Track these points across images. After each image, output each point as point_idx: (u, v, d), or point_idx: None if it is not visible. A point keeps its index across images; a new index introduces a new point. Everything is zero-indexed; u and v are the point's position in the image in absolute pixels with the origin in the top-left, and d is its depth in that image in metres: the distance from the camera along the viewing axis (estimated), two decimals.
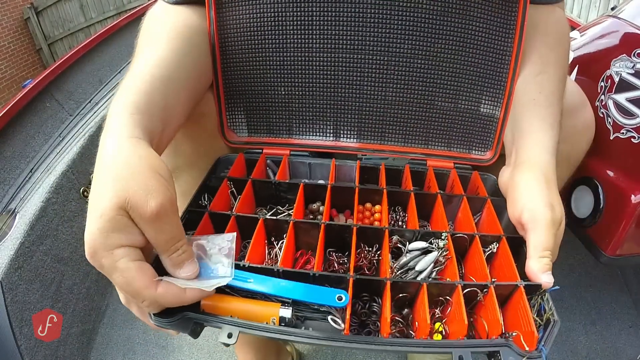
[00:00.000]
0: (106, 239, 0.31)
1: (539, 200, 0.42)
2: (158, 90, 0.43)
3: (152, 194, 0.32)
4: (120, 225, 0.32)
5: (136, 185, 0.32)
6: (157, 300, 0.33)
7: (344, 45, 0.52)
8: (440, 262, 0.44)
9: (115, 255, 0.32)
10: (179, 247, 0.35)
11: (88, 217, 0.32)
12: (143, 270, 0.33)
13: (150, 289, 0.32)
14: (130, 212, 0.32)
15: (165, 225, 0.33)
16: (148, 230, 0.33)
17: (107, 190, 0.32)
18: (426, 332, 0.36)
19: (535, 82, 0.51)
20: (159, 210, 0.32)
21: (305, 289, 0.38)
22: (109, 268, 0.32)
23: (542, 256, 0.39)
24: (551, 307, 0.37)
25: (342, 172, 0.58)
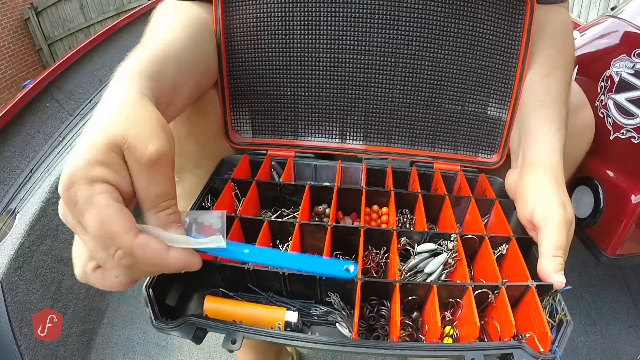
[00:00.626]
0: (90, 169, 0.27)
1: (551, 199, 0.42)
2: (170, 67, 0.41)
3: (153, 139, 0.30)
4: (110, 161, 0.28)
5: (138, 128, 0.30)
6: (134, 253, 0.28)
7: (351, 46, 0.52)
8: (450, 264, 0.43)
9: (96, 189, 0.27)
10: (169, 206, 0.31)
11: (73, 150, 0.29)
12: (123, 212, 0.28)
13: (128, 235, 0.28)
14: (126, 152, 0.29)
15: (161, 176, 0.30)
16: (142, 176, 0.29)
17: (104, 125, 0.29)
18: (437, 336, 0.35)
19: (542, 83, 0.51)
20: (158, 156, 0.29)
21: (307, 260, 0.34)
22: (83, 203, 0.27)
23: (555, 255, 0.38)
24: (563, 308, 0.36)
25: (348, 175, 0.57)
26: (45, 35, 5.21)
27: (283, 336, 0.34)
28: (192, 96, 0.50)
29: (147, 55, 0.40)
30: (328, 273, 0.33)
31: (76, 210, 0.28)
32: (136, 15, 1.76)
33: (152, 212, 0.31)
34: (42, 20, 5.15)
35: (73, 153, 0.29)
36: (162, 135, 0.30)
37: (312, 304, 0.40)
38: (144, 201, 0.30)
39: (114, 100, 0.32)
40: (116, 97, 0.32)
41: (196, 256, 0.32)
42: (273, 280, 0.39)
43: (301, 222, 0.45)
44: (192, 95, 0.49)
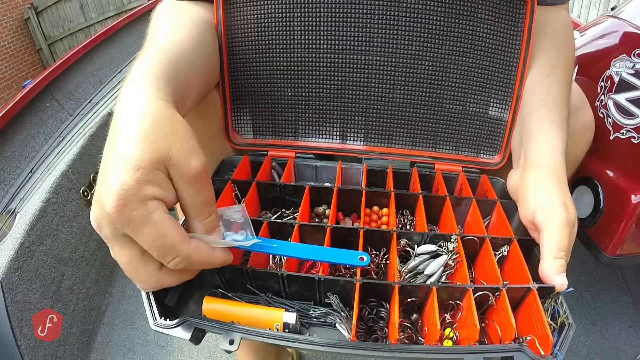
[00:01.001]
0: (142, 189, 0.29)
1: (553, 199, 0.42)
2: (180, 67, 0.42)
3: (194, 154, 0.32)
4: (158, 180, 0.30)
5: (179, 143, 0.31)
6: (190, 256, 0.32)
7: (351, 46, 0.52)
8: (450, 266, 0.43)
9: (150, 207, 0.29)
10: (212, 212, 0.34)
11: (115, 169, 0.29)
12: (176, 224, 0.31)
13: (185, 243, 0.31)
14: (172, 169, 0.31)
15: (204, 186, 0.32)
16: (187, 190, 0.32)
17: (146, 142, 0.30)
18: (436, 338, 0.35)
19: (543, 83, 0.51)
20: (202, 169, 0.32)
21: (327, 251, 0.38)
22: (140, 221, 0.29)
23: (557, 257, 0.38)
24: (565, 310, 0.36)
25: (349, 175, 0.57)
26: (45, 35, 5.21)
27: (281, 337, 0.33)
28: (199, 96, 0.50)
29: (159, 57, 0.40)
30: (344, 262, 0.37)
31: (130, 228, 0.29)
32: (136, 15, 1.76)
33: (199, 221, 0.34)
34: (42, 20, 5.15)
35: (116, 171, 0.29)
36: (199, 147, 0.33)
37: (311, 305, 0.40)
38: (190, 211, 0.33)
39: (144, 111, 0.32)
40: (144, 107, 0.33)
41: (231, 253, 0.36)
42: (272, 281, 0.39)
43: (300, 223, 0.45)
44: (199, 95, 0.50)
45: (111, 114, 1.39)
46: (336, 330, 0.38)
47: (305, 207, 0.49)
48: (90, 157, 1.12)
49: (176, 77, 0.40)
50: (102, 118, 1.22)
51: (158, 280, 0.34)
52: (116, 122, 0.33)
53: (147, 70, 0.37)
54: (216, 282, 0.41)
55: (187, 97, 0.44)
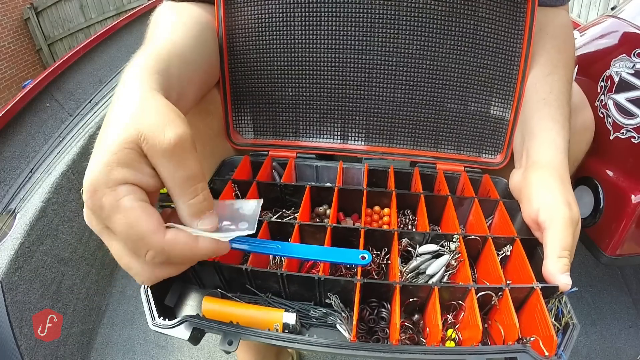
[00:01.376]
0: (110, 173, 0.27)
1: (556, 198, 0.41)
2: (175, 65, 0.41)
3: (169, 125, 0.29)
4: (129, 160, 0.28)
5: (152, 118, 0.29)
6: (165, 250, 0.29)
7: (352, 46, 0.52)
8: (452, 266, 0.43)
9: (119, 192, 0.27)
10: (199, 191, 0.30)
11: (92, 155, 0.29)
12: (149, 212, 0.28)
13: (157, 234, 0.28)
14: (145, 145, 0.28)
15: (185, 159, 0.29)
16: (165, 165, 0.29)
17: (117, 125, 0.29)
18: (438, 339, 0.34)
19: (545, 82, 0.51)
20: (177, 140, 0.28)
21: (327, 251, 0.37)
22: (109, 208, 0.27)
23: (561, 256, 0.38)
24: (569, 310, 0.35)
25: (350, 175, 0.57)
26: (45, 35, 5.21)
27: (280, 338, 0.33)
28: (199, 94, 0.50)
29: (151, 53, 0.40)
30: (345, 261, 0.36)
31: (103, 216, 0.28)
32: (136, 15, 1.76)
33: (183, 202, 0.30)
34: (42, 20, 5.15)
35: (92, 159, 0.29)
36: (178, 120, 0.30)
37: (312, 305, 0.40)
38: (173, 190, 0.30)
39: (124, 99, 0.32)
40: (125, 95, 0.32)
41: (224, 242, 0.32)
42: (271, 281, 0.39)
43: (301, 223, 0.44)
44: (199, 93, 0.50)
45: None
46: (337, 331, 0.38)
47: (306, 207, 0.49)
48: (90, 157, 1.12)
49: (167, 71, 0.39)
50: (102, 118, 1.21)
51: (152, 272, 0.31)
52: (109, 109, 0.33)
53: (140, 64, 0.37)
54: (216, 282, 0.41)
55: (183, 93, 0.43)
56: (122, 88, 0.34)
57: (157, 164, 0.29)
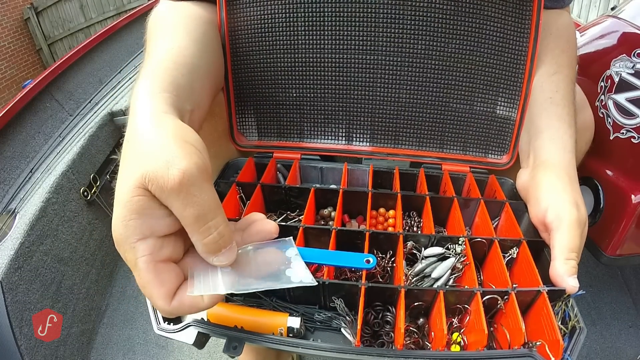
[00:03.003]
0: (126, 228, 0.27)
1: (564, 199, 0.41)
2: (183, 75, 0.40)
3: (172, 161, 0.27)
4: (139, 209, 0.28)
5: (154, 157, 0.28)
6: (172, 313, 0.30)
7: (356, 46, 0.52)
8: (458, 269, 0.42)
9: (137, 251, 0.28)
10: (212, 230, 0.28)
11: (114, 204, 0.29)
12: (161, 278, 0.29)
13: (163, 301, 0.29)
14: (151, 187, 0.27)
15: (193, 197, 0.27)
16: (173, 204, 0.28)
17: (126, 172, 0.29)
18: (443, 343, 0.34)
19: (551, 81, 0.51)
20: (182, 177, 0.27)
21: (332, 255, 0.37)
22: (131, 264, 0.29)
23: (569, 258, 0.37)
24: (576, 314, 0.35)
25: (355, 177, 0.56)
26: (45, 35, 5.20)
27: (284, 342, 0.33)
28: (211, 98, 0.49)
29: (156, 68, 0.39)
30: (350, 265, 0.35)
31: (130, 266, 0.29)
32: (136, 15, 1.76)
33: (197, 239, 0.29)
34: (42, 20, 5.14)
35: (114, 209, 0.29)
36: (181, 152, 0.28)
37: (316, 309, 0.40)
38: (186, 228, 0.29)
39: (131, 133, 0.31)
40: (133, 128, 0.32)
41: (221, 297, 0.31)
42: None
43: (305, 226, 0.44)
44: (211, 97, 0.49)
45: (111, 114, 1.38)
46: (341, 335, 0.38)
47: (310, 209, 0.48)
48: (90, 157, 1.12)
49: (178, 85, 0.38)
50: (102, 118, 1.21)
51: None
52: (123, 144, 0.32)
53: (150, 85, 0.36)
54: None
55: (197, 102, 0.42)
56: (132, 116, 0.33)
57: (167, 205, 0.28)
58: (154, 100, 0.34)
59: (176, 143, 0.29)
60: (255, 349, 0.81)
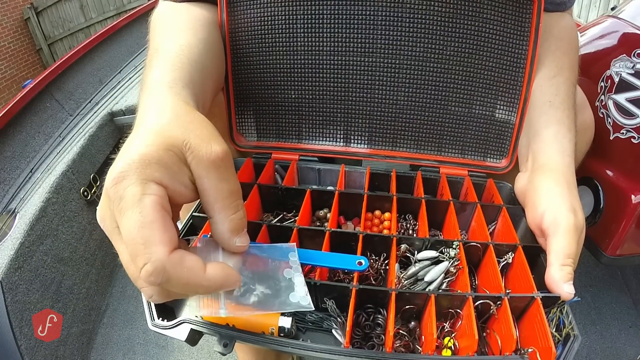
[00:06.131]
0: (146, 165, 0.26)
1: (561, 204, 0.40)
2: (197, 72, 0.41)
3: (215, 139, 0.28)
4: (170, 161, 0.27)
5: (199, 131, 0.28)
6: (166, 269, 0.25)
7: (355, 48, 0.52)
8: (452, 273, 0.42)
9: (147, 188, 0.25)
10: (240, 207, 0.29)
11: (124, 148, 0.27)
12: (167, 222, 0.26)
13: (164, 246, 0.25)
14: (189, 153, 0.27)
15: (230, 174, 0.28)
16: (211, 176, 0.27)
17: (161, 127, 0.28)
18: (433, 347, 0.34)
19: (551, 84, 0.50)
20: (224, 153, 0.28)
21: (325, 256, 0.37)
22: (130, 199, 0.25)
23: (565, 264, 0.37)
24: (571, 321, 0.34)
25: (352, 179, 0.56)
26: (45, 35, 5.21)
27: (275, 342, 0.33)
28: (213, 97, 0.49)
29: (174, 63, 0.40)
30: (342, 267, 0.35)
31: (118, 208, 0.25)
32: (136, 15, 1.76)
33: (225, 216, 0.28)
34: (42, 20, 5.15)
35: (125, 149, 0.27)
36: (220, 137, 0.30)
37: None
38: (214, 203, 0.28)
39: (165, 109, 0.31)
40: (165, 106, 0.31)
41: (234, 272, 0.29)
42: None
43: (300, 227, 0.44)
44: (213, 96, 0.49)
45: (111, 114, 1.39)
46: (332, 336, 0.38)
47: (306, 210, 0.48)
48: (90, 157, 1.12)
49: (192, 81, 0.39)
50: (102, 118, 1.22)
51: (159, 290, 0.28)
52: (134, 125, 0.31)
53: (166, 78, 0.37)
54: None
55: (203, 100, 0.43)
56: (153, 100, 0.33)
57: (201, 175, 0.27)
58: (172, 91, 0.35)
59: (214, 129, 0.30)
60: (255, 349, 0.81)
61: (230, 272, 0.28)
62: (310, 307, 0.31)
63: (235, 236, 0.29)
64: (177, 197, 0.28)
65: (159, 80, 0.36)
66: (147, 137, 0.27)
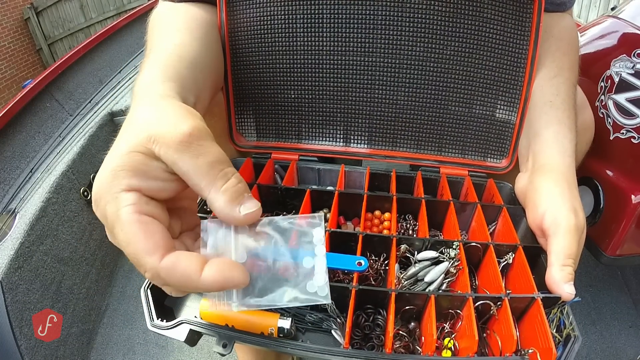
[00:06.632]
0: (114, 178, 0.25)
1: (561, 204, 0.40)
2: (187, 68, 0.41)
3: (181, 120, 0.27)
4: (136, 163, 0.26)
5: (162, 120, 0.27)
6: (160, 275, 0.25)
7: (354, 48, 0.52)
8: (452, 273, 0.42)
9: (121, 201, 0.25)
10: (229, 175, 0.27)
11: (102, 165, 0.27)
12: (148, 229, 0.25)
13: (152, 257, 0.24)
14: (156, 147, 0.26)
15: (205, 147, 0.27)
16: (183, 157, 0.26)
17: (127, 133, 0.28)
18: (432, 348, 0.34)
19: (551, 84, 0.50)
20: (191, 130, 0.26)
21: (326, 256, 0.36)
22: (111, 218, 0.25)
23: (565, 264, 0.36)
24: (572, 322, 0.34)
25: (352, 179, 0.56)
26: (45, 35, 5.21)
27: (274, 342, 0.33)
28: (211, 96, 0.49)
29: (160, 61, 0.40)
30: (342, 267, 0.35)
31: (107, 227, 0.26)
32: (136, 15, 1.76)
33: (216, 189, 0.26)
34: (42, 20, 5.15)
35: (101, 168, 0.27)
36: (191, 115, 0.28)
37: (308, 310, 0.40)
38: (200, 183, 0.26)
39: (136, 109, 0.31)
40: (137, 106, 0.32)
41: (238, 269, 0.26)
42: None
43: None
44: (211, 95, 0.49)
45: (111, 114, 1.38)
46: (332, 337, 0.38)
47: (306, 210, 0.48)
48: (90, 157, 1.12)
49: (182, 76, 0.39)
50: (102, 118, 1.22)
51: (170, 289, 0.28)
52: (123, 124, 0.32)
53: (151, 75, 0.37)
54: None
55: (200, 97, 0.42)
56: (135, 100, 0.33)
57: (175, 160, 0.26)
58: (159, 87, 0.35)
59: (185, 109, 0.29)
60: (254, 350, 0.81)
61: (230, 273, 0.26)
62: (327, 300, 0.29)
63: (236, 205, 0.27)
64: (159, 193, 0.27)
65: (141, 81, 0.36)
66: (115, 148, 0.27)
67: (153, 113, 0.29)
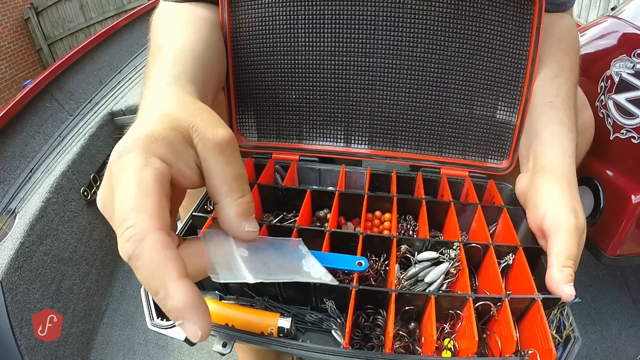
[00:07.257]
0: (152, 142, 0.25)
1: (562, 205, 0.40)
2: (200, 69, 0.42)
3: (221, 124, 0.29)
4: (176, 140, 0.26)
5: (204, 116, 0.28)
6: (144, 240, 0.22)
7: (356, 48, 0.52)
8: (452, 274, 0.42)
9: (151, 162, 0.24)
10: (247, 191, 0.29)
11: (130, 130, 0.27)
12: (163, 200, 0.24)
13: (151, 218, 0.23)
14: (196, 135, 0.27)
15: (236, 158, 0.28)
16: (217, 159, 0.27)
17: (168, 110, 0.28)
18: (432, 349, 0.34)
19: (551, 84, 0.50)
20: (230, 137, 0.28)
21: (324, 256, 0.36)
22: (131, 168, 0.24)
23: (565, 265, 0.36)
24: (572, 323, 0.34)
25: (352, 179, 0.56)
26: (45, 35, 5.21)
27: (274, 342, 0.33)
28: (214, 95, 0.50)
29: (177, 59, 0.40)
30: (342, 267, 0.35)
31: (118, 177, 0.24)
32: (136, 15, 1.76)
33: (231, 200, 0.28)
34: (42, 20, 5.15)
35: (130, 131, 0.26)
36: (226, 125, 0.30)
37: (308, 310, 0.40)
38: (220, 187, 0.27)
39: (170, 98, 0.32)
40: (171, 95, 0.32)
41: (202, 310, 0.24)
42: (268, 285, 0.39)
43: (299, 227, 0.44)
44: (214, 95, 0.50)
45: (111, 114, 1.39)
46: (332, 337, 0.38)
47: (306, 210, 0.48)
48: (90, 157, 1.12)
49: (195, 77, 0.40)
50: (102, 118, 1.22)
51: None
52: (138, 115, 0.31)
53: (170, 73, 0.37)
54: (215, 285, 0.41)
55: (205, 97, 0.43)
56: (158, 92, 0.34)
57: (207, 157, 0.27)
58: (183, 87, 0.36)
59: (217, 115, 0.30)
60: (254, 350, 0.81)
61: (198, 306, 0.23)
62: (334, 282, 0.31)
63: (243, 220, 0.28)
64: (181, 178, 0.27)
65: (163, 74, 0.37)
66: (154, 117, 0.27)
67: (193, 104, 0.30)
